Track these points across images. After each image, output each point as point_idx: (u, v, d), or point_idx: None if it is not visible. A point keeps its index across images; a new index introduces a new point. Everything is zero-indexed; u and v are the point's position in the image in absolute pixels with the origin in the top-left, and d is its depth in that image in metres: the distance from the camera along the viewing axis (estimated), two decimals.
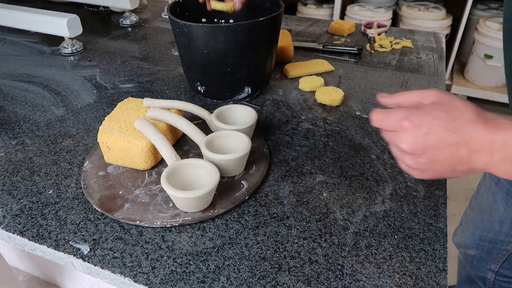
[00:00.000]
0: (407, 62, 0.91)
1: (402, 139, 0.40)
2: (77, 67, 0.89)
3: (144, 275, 0.43)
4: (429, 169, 0.41)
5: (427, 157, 0.39)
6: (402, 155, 0.42)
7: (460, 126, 0.38)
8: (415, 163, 0.41)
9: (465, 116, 0.38)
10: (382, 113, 0.43)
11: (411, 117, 0.40)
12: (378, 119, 0.43)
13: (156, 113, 0.58)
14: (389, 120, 0.42)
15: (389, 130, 0.43)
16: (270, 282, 0.42)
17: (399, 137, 0.41)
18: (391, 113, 0.42)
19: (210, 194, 0.48)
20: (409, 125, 0.40)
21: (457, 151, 0.38)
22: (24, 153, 0.61)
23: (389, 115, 0.42)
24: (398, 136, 0.41)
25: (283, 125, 0.68)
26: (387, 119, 0.42)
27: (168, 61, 0.92)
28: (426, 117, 0.39)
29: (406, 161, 0.42)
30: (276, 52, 0.76)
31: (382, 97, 0.46)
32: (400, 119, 0.41)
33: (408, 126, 0.40)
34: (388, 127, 0.42)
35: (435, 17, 2.14)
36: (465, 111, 0.38)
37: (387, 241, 0.47)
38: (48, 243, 0.46)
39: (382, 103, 0.46)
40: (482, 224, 0.75)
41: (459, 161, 0.38)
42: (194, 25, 0.64)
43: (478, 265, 0.79)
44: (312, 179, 0.56)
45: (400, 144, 0.41)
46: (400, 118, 0.41)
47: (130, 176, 0.55)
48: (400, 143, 0.41)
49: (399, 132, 0.41)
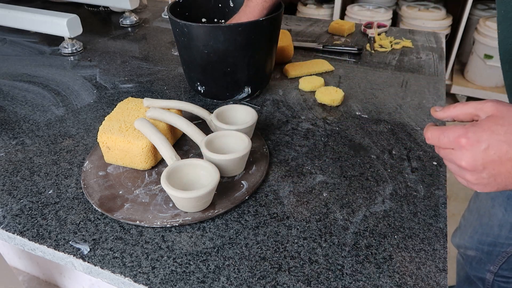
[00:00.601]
0: (407, 62, 0.91)
1: (461, 156, 0.40)
2: (77, 67, 0.89)
3: (144, 275, 0.43)
4: (491, 183, 0.40)
5: (489, 171, 0.39)
6: (461, 171, 0.41)
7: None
8: (476, 178, 0.40)
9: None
10: (438, 130, 0.42)
11: (468, 134, 0.39)
12: (433, 137, 0.42)
13: (156, 113, 0.58)
14: (445, 137, 0.41)
15: (445, 148, 0.42)
16: (270, 282, 0.42)
17: (457, 155, 0.40)
18: (447, 130, 0.41)
19: (210, 194, 0.48)
20: (467, 143, 0.39)
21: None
22: (24, 153, 0.61)
23: (445, 133, 0.41)
24: (456, 154, 0.40)
25: (283, 125, 0.68)
26: (443, 136, 0.41)
27: (168, 61, 0.92)
28: (484, 133, 0.38)
29: (466, 177, 0.41)
30: (276, 52, 0.76)
31: (435, 111, 0.45)
32: (457, 136, 0.40)
33: (465, 143, 0.39)
34: (444, 145, 0.42)
35: (435, 17, 2.14)
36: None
37: (387, 241, 0.47)
38: (48, 243, 0.46)
39: (436, 117, 0.45)
40: (481, 228, 0.75)
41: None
42: (194, 25, 0.64)
43: (477, 266, 0.79)
44: (312, 179, 0.56)
45: (459, 162, 0.40)
46: (457, 136, 0.40)
47: (130, 176, 0.55)
48: (459, 161, 0.40)
49: (456, 150, 0.40)
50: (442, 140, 0.41)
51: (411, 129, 0.66)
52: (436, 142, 0.43)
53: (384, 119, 0.69)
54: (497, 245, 0.72)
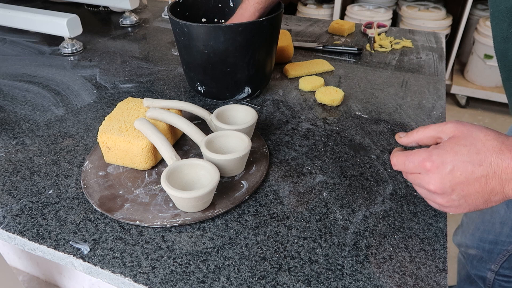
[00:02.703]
0: (407, 62, 0.91)
1: (428, 180, 0.40)
2: (77, 67, 0.89)
3: (144, 275, 0.43)
4: (462, 204, 0.40)
5: (458, 193, 0.39)
6: (431, 195, 0.41)
7: (485, 158, 0.37)
8: (447, 201, 0.40)
9: (487, 146, 0.37)
10: (402, 155, 0.42)
11: (432, 157, 0.39)
12: (399, 163, 0.43)
13: (156, 113, 0.58)
14: (411, 162, 0.41)
15: (412, 173, 0.42)
16: (270, 282, 0.42)
17: (425, 179, 0.40)
18: (411, 155, 0.41)
19: (210, 194, 0.48)
20: (432, 166, 0.39)
21: (487, 183, 0.37)
22: (24, 153, 0.61)
23: (409, 158, 0.41)
24: (424, 178, 0.40)
25: (283, 125, 0.68)
26: (408, 162, 0.42)
27: (168, 61, 0.92)
28: (447, 155, 0.38)
29: (437, 200, 0.41)
30: (276, 52, 0.76)
31: (400, 137, 0.46)
32: (421, 160, 0.40)
33: (431, 167, 0.39)
34: (410, 170, 0.42)
35: (435, 17, 2.14)
36: (486, 141, 0.38)
37: (387, 241, 0.47)
38: (48, 243, 0.46)
39: (401, 143, 0.46)
40: (483, 225, 0.75)
41: (491, 192, 0.38)
42: (194, 25, 0.64)
43: (478, 265, 0.79)
44: (312, 179, 0.56)
45: (428, 186, 0.40)
46: (421, 160, 0.40)
47: (130, 176, 0.55)
48: (427, 185, 0.40)
49: (423, 174, 0.40)
50: (408, 165, 0.42)
51: (411, 129, 0.66)
52: (402, 168, 0.43)
53: (384, 119, 0.69)
54: (498, 243, 0.72)
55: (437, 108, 0.73)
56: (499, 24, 0.49)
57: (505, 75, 0.54)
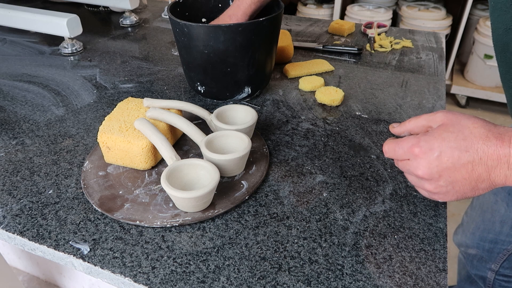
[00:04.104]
0: (407, 62, 0.91)
1: (416, 165, 0.41)
2: (77, 67, 0.90)
3: (144, 275, 0.43)
4: (450, 191, 0.41)
5: (445, 179, 0.40)
6: (420, 181, 0.42)
7: (471, 145, 0.37)
8: (434, 187, 0.41)
9: (474, 133, 0.38)
10: (393, 143, 0.43)
11: (420, 143, 0.40)
12: (390, 150, 0.44)
13: (156, 113, 0.58)
14: (400, 149, 0.42)
15: (402, 160, 0.43)
16: (270, 282, 0.42)
17: (413, 165, 0.41)
18: (400, 142, 0.42)
19: (210, 194, 0.48)
20: (420, 151, 0.40)
21: (474, 170, 0.38)
22: (24, 153, 0.61)
23: (399, 144, 0.42)
24: (412, 164, 0.41)
25: (283, 125, 0.68)
26: (398, 148, 0.43)
27: (168, 61, 0.92)
28: (435, 140, 0.39)
29: (425, 186, 0.42)
30: (276, 52, 0.76)
31: (393, 127, 0.47)
32: (410, 146, 0.41)
33: (419, 152, 0.40)
34: (400, 157, 0.43)
35: (435, 17, 2.14)
36: (474, 129, 0.38)
37: (387, 241, 0.47)
38: (48, 243, 0.46)
39: (394, 133, 0.47)
40: (483, 224, 0.75)
41: (478, 178, 0.38)
42: (194, 25, 0.64)
43: (479, 265, 0.79)
44: (312, 179, 0.56)
45: (416, 171, 0.41)
46: (410, 146, 0.41)
47: (130, 176, 0.55)
48: (415, 170, 0.41)
49: (412, 160, 0.41)
50: (398, 151, 0.43)
51: None
52: (393, 155, 0.44)
53: (384, 119, 0.69)
54: (498, 242, 0.72)
55: (437, 108, 0.73)
56: (502, 16, 0.49)
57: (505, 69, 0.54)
